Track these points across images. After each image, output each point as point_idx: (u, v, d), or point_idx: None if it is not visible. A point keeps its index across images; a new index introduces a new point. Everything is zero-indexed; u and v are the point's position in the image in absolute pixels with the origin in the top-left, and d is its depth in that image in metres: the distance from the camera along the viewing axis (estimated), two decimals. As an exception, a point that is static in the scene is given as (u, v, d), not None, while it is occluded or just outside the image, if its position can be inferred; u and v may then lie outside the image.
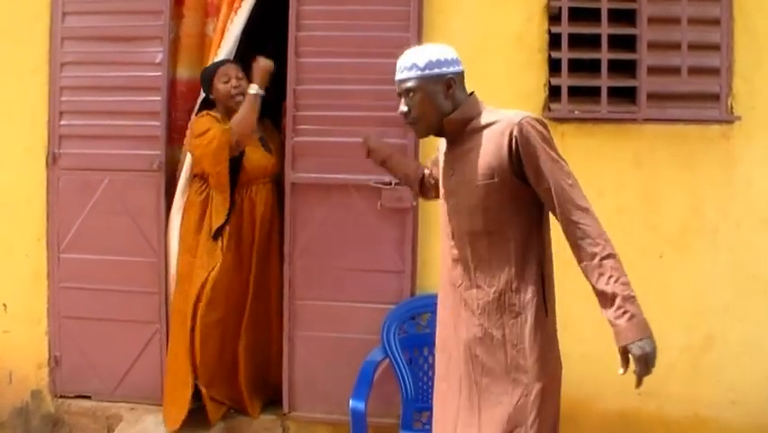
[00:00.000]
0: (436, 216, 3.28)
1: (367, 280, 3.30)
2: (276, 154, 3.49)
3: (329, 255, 3.32)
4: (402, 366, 3.16)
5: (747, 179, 3.23)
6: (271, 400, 3.53)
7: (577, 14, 3.24)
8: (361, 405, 2.91)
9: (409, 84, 2.16)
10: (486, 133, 2.13)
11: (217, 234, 3.30)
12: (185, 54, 3.50)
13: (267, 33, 3.67)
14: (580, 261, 2.01)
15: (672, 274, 3.25)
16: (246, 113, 3.23)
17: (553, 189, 2.03)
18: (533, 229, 2.13)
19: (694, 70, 3.21)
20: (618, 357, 1.94)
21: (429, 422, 3.17)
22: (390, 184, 3.24)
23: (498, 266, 2.12)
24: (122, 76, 3.45)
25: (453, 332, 2.21)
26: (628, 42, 3.24)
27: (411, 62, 2.16)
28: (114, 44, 3.48)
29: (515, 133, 2.06)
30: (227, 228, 3.32)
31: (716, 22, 3.18)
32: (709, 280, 3.23)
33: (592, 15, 3.23)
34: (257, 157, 3.42)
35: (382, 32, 3.27)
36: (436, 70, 2.14)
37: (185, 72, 3.50)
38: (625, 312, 1.92)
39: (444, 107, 2.17)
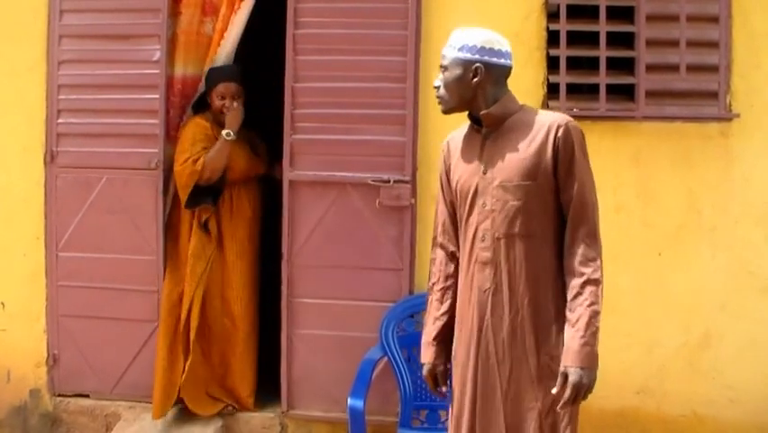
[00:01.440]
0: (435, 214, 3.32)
1: (365, 278, 3.30)
2: (262, 157, 3.60)
3: (327, 253, 3.32)
4: (400, 364, 3.16)
5: (745, 176, 3.22)
6: (268, 397, 3.54)
7: (575, 12, 3.24)
8: (359, 403, 2.91)
9: (443, 61, 2.14)
10: (527, 132, 2.08)
11: (206, 225, 3.40)
12: (181, 52, 3.49)
13: (265, 31, 3.68)
14: (567, 271, 2.04)
15: (669, 272, 3.25)
16: (216, 154, 3.33)
17: (575, 197, 2.03)
18: None
19: (693, 68, 3.20)
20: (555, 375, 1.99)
21: (427, 420, 3.19)
22: (389, 182, 3.24)
23: (534, 272, 2.06)
24: (120, 74, 3.45)
25: (477, 337, 2.11)
26: (627, 40, 3.24)
27: (453, 40, 2.13)
28: (112, 42, 3.47)
29: (559, 133, 2.04)
30: (215, 222, 3.41)
31: (714, 19, 3.18)
32: (707, 278, 3.23)
33: (590, 13, 3.23)
34: (246, 160, 3.50)
35: (380, 30, 3.26)
36: (468, 55, 2.09)
37: (181, 70, 3.49)
38: (581, 337, 1.96)
39: (466, 94, 2.12)
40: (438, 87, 2.16)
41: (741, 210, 3.22)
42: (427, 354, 2.28)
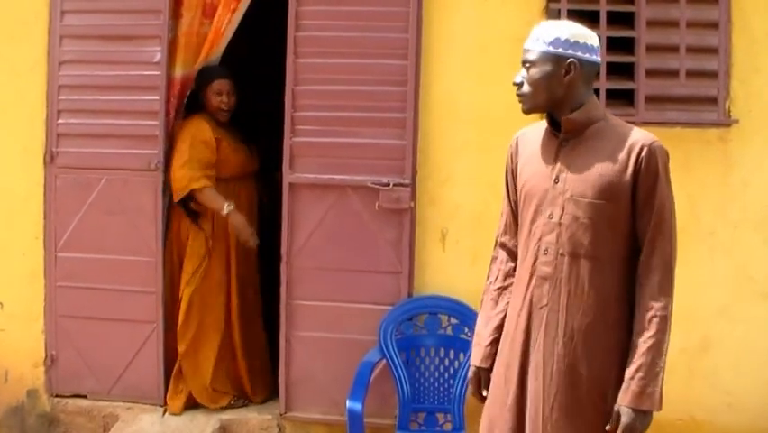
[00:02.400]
0: (434, 218, 3.33)
1: (364, 280, 3.30)
2: (255, 154, 3.65)
3: (326, 256, 3.32)
4: (399, 367, 3.16)
5: (744, 181, 3.23)
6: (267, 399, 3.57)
7: (576, 17, 3.23)
8: (357, 406, 2.91)
9: (529, 55, 1.96)
10: (609, 146, 1.93)
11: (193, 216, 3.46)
12: (182, 53, 3.49)
13: (263, 32, 3.69)
14: (636, 303, 1.91)
15: (668, 277, 3.24)
16: (213, 200, 3.42)
17: (652, 225, 1.89)
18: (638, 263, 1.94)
19: (692, 73, 3.21)
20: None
21: (425, 423, 3.19)
22: (388, 185, 3.24)
23: (596, 296, 1.91)
24: (120, 75, 3.45)
25: (523, 354, 1.98)
26: (627, 45, 3.25)
27: (539, 33, 1.96)
28: (113, 43, 3.48)
29: (643, 153, 1.89)
30: (210, 221, 3.45)
31: (714, 25, 3.19)
32: (706, 283, 3.23)
33: (591, 18, 3.23)
34: (243, 156, 3.55)
35: (381, 33, 3.27)
36: (560, 50, 1.92)
37: (181, 71, 3.50)
38: (642, 379, 1.84)
39: (556, 92, 1.94)
40: (520, 84, 1.99)
41: (740, 215, 3.23)
42: (477, 356, 2.13)
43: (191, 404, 3.46)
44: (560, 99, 1.96)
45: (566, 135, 1.98)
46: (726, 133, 3.23)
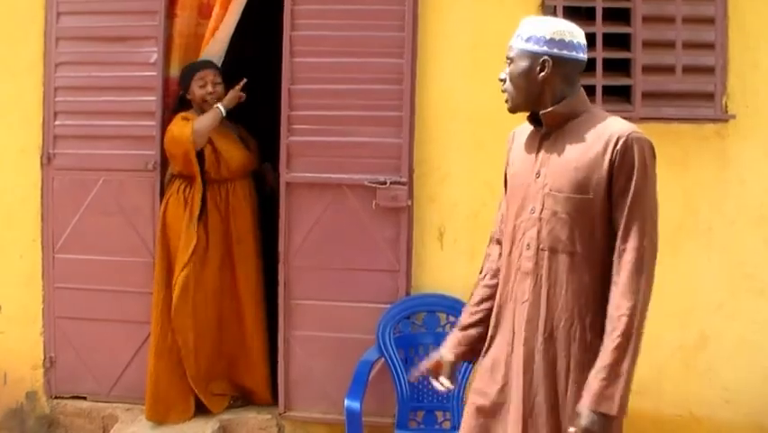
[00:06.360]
0: (431, 216, 3.33)
1: (362, 279, 3.30)
2: (254, 152, 3.60)
3: (324, 255, 3.32)
4: (397, 366, 3.16)
5: (741, 177, 3.23)
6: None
7: (572, 13, 3.23)
8: (356, 405, 2.91)
9: (510, 52, 1.97)
10: (587, 139, 1.90)
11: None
12: (177, 53, 3.49)
13: (258, 31, 3.69)
14: (609, 302, 1.84)
15: (665, 273, 3.18)
16: (207, 120, 3.34)
17: (625, 220, 1.84)
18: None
19: (689, 69, 3.21)
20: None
21: (424, 421, 3.19)
22: (386, 183, 3.24)
23: (574, 293, 1.89)
24: (116, 76, 3.45)
25: (510, 347, 1.99)
26: (623, 41, 3.25)
27: (520, 30, 1.97)
28: (109, 44, 3.47)
29: (618, 146, 1.85)
30: (209, 222, 3.41)
31: (710, 20, 3.19)
32: (703, 279, 3.24)
33: (587, 14, 3.23)
34: (238, 154, 3.50)
35: (377, 32, 3.26)
36: (536, 47, 1.92)
37: (177, 72, 3.49)
38: (603, 379, 1.78)
39: (532, 89, 1.93)
40: (503, 81, 2.00)
41: (737, 211, 3.23)
42: (445, 344, 2.15)
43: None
44: (537, 96, 1.95)
45: (547, 129, 1.97)
46: (723, 129, 3.23)
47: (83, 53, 3.49)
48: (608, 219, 1.88)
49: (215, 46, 3.44)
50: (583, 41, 1.98)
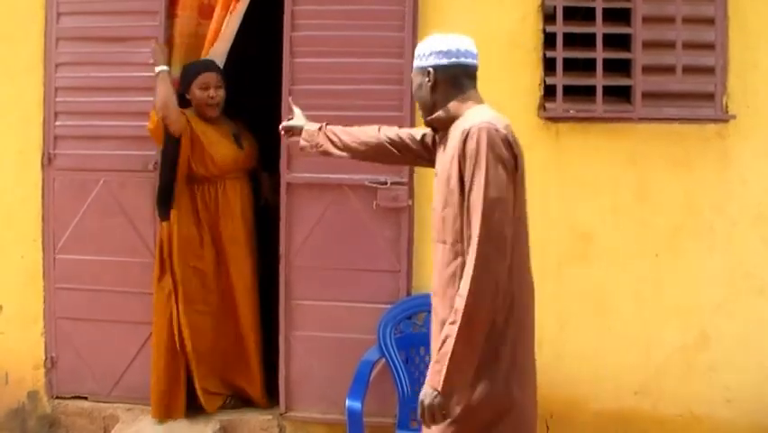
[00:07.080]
0: (432, 216, 3.32)
1: (363, 279, 3.30)
2: (248, 150, 3.55)
3: (325, 255, 3.32)
4: (398, 366, 3.17)
5: (742, 177, 3.23)
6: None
7: (572, 13, 3.25)
8: (357, 405, 2.91)
9: (412, 70, 2.21)
10: (455, 137, 2.06)
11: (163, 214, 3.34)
12: (178, 54, 3.49)
13: (256, 31, 3.68)
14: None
15: (667, 273, 3.25)
16: (161, 90, 3.24)
17: (467, 207, 1.97)
18: None
19: (689, 69, 3.21)
20: None
21: (425, 422, 3.19)
22: (386, 183, 3.24)
23: (441, 281, 2.09)
24: (117, 76, 3.46)
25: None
26: (623, 41, 3.25)
27: (417, 47, 2.19)
28: (110, 45, 3.47)
29: (463, 138, 2.00)
30: (201, 221, 3.40)
31: (710, 21, 3.19)
32: (704, 279, 3.24)
33: (587, 14, 3.23)
34: (227, 152, 3.45)
35: (377, 32, 3.27)
36: (423, 62, 2.15)
37: (178, 72, 3.49)
38: (437, 362, 1.98)
39: (426, 99, 2.16)
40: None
41: (738, 211, 3.23)
42: (314, 129, 2.59)
43: (191, 405, 3.45)
44: (431, 105, 2.15)
45: (439, 134, 2.18)
46: (724, 129, 3.23)
47: (83, 54, 3.50)
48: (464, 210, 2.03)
49: (221, 46, 3.44)
50: (470, 47, 2.15)
